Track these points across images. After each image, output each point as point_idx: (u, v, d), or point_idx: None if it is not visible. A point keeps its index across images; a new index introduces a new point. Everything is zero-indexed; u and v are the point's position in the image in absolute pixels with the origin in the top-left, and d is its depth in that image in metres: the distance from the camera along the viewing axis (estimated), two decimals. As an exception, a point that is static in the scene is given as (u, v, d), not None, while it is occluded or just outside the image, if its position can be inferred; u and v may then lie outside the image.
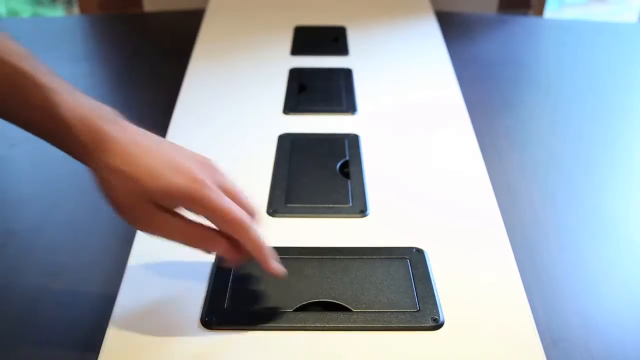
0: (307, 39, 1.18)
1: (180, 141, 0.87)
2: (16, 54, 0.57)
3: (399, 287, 0.63)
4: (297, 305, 0.61)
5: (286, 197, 0.76)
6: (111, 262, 0.74)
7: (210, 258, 0.66)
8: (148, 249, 0.68)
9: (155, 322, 0.59)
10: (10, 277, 0.75)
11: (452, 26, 1.33)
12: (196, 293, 0.62)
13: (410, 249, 0.65)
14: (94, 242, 0.76)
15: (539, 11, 1.74)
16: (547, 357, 0.56)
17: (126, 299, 0.62)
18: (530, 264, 0.75)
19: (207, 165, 0.60)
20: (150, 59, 1.30)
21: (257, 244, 0.58)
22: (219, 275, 0.64)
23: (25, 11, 2.77)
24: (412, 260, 0.65)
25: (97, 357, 0.56)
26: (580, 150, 1.01)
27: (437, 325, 0.59)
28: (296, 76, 1.04)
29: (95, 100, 0.61)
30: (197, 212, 0.57)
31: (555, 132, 1.05)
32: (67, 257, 0.76)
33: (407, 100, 0.99)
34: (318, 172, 0.81)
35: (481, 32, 1.40)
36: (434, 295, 0.61)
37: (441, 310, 0.60)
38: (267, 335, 0.58)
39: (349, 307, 0.62)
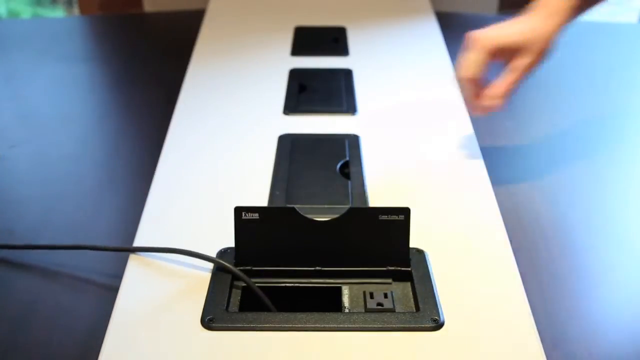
0: (307, 40, 1.18)
1: (180, 141, 0.88)
2: None
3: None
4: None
5: (286, 197, 0.76)
6: (111, 262, 0.74)
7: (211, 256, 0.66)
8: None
9: (155, 323, 0.59)
10: (10, 277, 0.75)
11: (452, 27, 1.33)
12: (196, 293, 0.62)
13: (410, 249, 0.65)
14: (93, 242, 0.75)
15: (539, 11, 1.74)
16: (547, 358, 0.56)
17: (126, 299, 0.62)
18: (530, 264, 0.75)
19: None
20: (150, 59, 1.30)
21: None
22: (220, 275, 0.64)
23: (26, 12, 2.77)
24: (413, 261, 0.65)
25: (97, 357, 0.56)
26: (580, 150, 1.01)
27: (437, 325, 0.58)
28: (296, 76, 1.04)
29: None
30: None
31: (555, 132, 1.05)
32: (67, 257, 0.76)
33: (407, 100, 0.99)
34: (318, 173, 0.81)
35: (481, 33, 1.40)
36: (434, 296, 0.61)
37: (441, 311, 0.60)
38: (267, 336, 0.58)
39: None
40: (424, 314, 0.59)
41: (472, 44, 0.79)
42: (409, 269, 0.64)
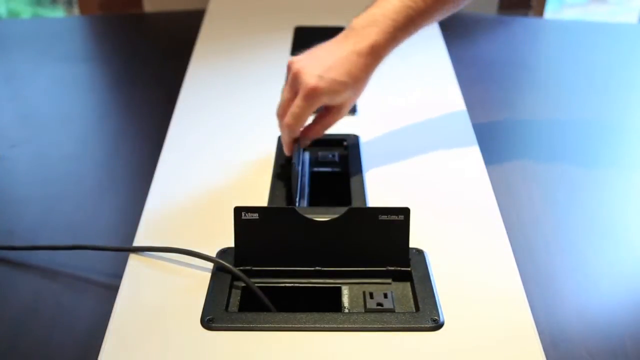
0: (307, 40, 1.18)
1: (180, 141, 0.88)
2: None
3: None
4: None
5: (286, 197, 0.76)
6: (111, 262, 0.74)
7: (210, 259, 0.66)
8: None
9: (155, 323, 0.59)
10: (10, 277, 0.75)
11: (452, 27, 1.33)
12: (196, 293, 0.62)
13: (410, 249, 0.65)
14: (93, 242, 0.75)
15: (539, 12, 1.74)
16: (546, 358, 0.56)
17: (126, 299, 0.62)
18: (530, 264, 0.75)
19: None
20: (150, 59, 1.30)
21: None
22: (220, 275, 0.64)
23: (26, 12, 2.77)
24: (412, 261, 0.65)
25: (97, 356, 0.56)
26: (580, 150, 1.01)
27: (437, 325, 0.58)
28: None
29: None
30: None
31: (555, 133, 1.05)
32: (67, 257, 0.76)
33: (407, 100, 0.99)
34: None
35: (481, 33, 1.40)
36: (434, 296, 0.61)
37: (441, 311, 0.60)
38: (267, 336, 0.58)
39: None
40: (423, 314, 0.59)
41: (305, 92, 0.73)
42: (409, 269, 0.64)
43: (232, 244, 0.65)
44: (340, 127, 0.90)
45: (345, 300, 0.63)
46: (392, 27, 0.76)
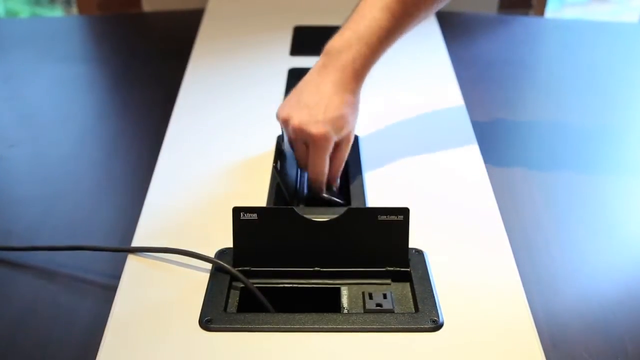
0: (307, 39, 1.18)
1: (179, 141, 0.88)
2: None
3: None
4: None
5: (285, 198, 0.75)
6: (109, 262, 0.74)
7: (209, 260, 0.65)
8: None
9: (153, 323, 0.59)
10: (9, 277, 0.75)
11: (453, 26, 1.33)
12: (195, 294, 0.62)
13: (409, 249, 0.65)
14: (91, 242, 0.75)
15: (540, 11, 1.74)
16: (546, 358, 0.56)
17: (124, 299, 0.62)
18: (530, 264, 0.75)
19: None
20: (149, 59, 1.30)
21: None
22: (218, 276, 0.64)
23: (24, 11, 2.77)
24: (412, 261, 0.65)
25: (95, 357, 0.56)
26: (580, 150, 1.00)
27: (436, 326, 0.58)
28: (296, 76, 1.04)
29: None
30: None
31: (556, 132, 1.05)
32: (65, 257, 0.76)
33: (407, 100, 0.98)
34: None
35: (482, 32, 1.40)
36: (434, 297, 0.61)
37: (440, 312, 0.60)
38: (266, 337, 0.57)
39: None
40: (423, 315, 0.59)
41: (316, 144, 0.73)
42: (408, 269, 0.64)
43: (230, 245, 0.65)
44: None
45: (345, 300, 0.63)
46: (367, 48, 0.77)
